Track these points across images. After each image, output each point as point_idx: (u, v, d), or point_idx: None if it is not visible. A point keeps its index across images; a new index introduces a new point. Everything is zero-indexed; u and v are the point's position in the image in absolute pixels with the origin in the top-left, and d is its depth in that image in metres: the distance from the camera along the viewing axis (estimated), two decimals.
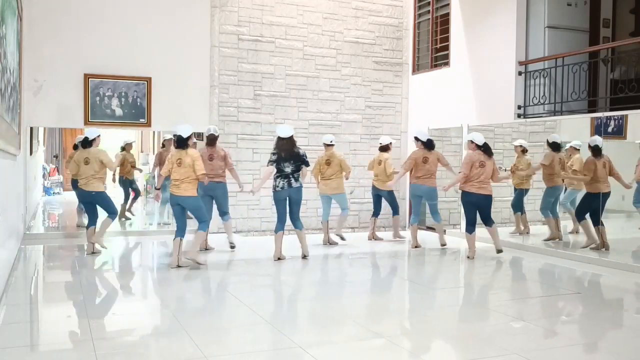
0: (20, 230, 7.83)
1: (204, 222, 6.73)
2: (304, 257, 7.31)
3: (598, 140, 7.44)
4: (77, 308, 5.06)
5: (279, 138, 7.21)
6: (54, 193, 15.23)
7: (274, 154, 7.19)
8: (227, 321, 4.77)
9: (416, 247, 8.24)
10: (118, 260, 7.54)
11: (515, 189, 8.83)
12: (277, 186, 7.15)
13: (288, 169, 7.11)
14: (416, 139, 8.29)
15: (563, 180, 8.25)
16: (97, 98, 8.67)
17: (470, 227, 7.43)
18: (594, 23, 8.60)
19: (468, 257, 7.45)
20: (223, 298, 5.64)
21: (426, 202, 8.37)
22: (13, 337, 4.23)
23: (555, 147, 8.07)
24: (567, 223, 8.65)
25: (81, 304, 5.19)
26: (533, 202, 8.78)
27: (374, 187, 8.95)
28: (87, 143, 7.32)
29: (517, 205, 8.82)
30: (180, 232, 6.63)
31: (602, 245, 7.43)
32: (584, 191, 7.81)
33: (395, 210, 8.93)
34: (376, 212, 9.05)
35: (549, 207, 8.26)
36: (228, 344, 4.22)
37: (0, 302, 4.98)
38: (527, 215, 8.78)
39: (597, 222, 7.48)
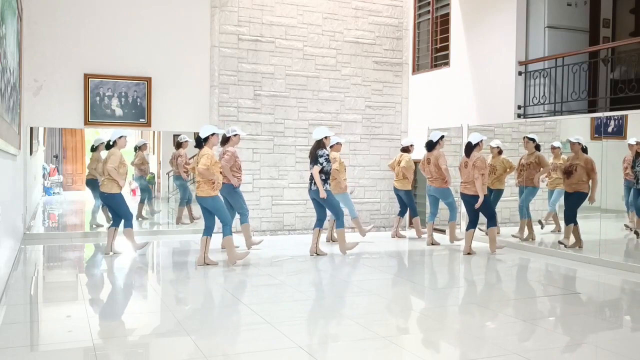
0: (20, 230, 7.83)
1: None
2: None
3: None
4: (77, 308, 5.05)
5: None
6: (54, 193, 15.21)
7: None
8: (227, 321, 4.77)
9: (432, 244, 8.53)
10: (118, 261, 7.53)
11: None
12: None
13: (311, 171, 7.41)
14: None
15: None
16: (97, 98, 8.67)
17: (469, 224, 7.79)
18: (594, 23, 8.60)
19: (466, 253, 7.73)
20: (223, 298, 5.64)
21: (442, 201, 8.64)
22: (13, 337, 4.23)
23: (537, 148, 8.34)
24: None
25: (81, 304, 5.20)
26: (534, 202, 8.75)
27: (394, 187, 9.23)
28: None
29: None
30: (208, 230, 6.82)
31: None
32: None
33: (413, 211, 9.10)
34: (402, 212, 9.32)
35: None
36: (228, 344, 4.22)
37: (0, 302, 4.98)
38: (533, 215, 8.72)
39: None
